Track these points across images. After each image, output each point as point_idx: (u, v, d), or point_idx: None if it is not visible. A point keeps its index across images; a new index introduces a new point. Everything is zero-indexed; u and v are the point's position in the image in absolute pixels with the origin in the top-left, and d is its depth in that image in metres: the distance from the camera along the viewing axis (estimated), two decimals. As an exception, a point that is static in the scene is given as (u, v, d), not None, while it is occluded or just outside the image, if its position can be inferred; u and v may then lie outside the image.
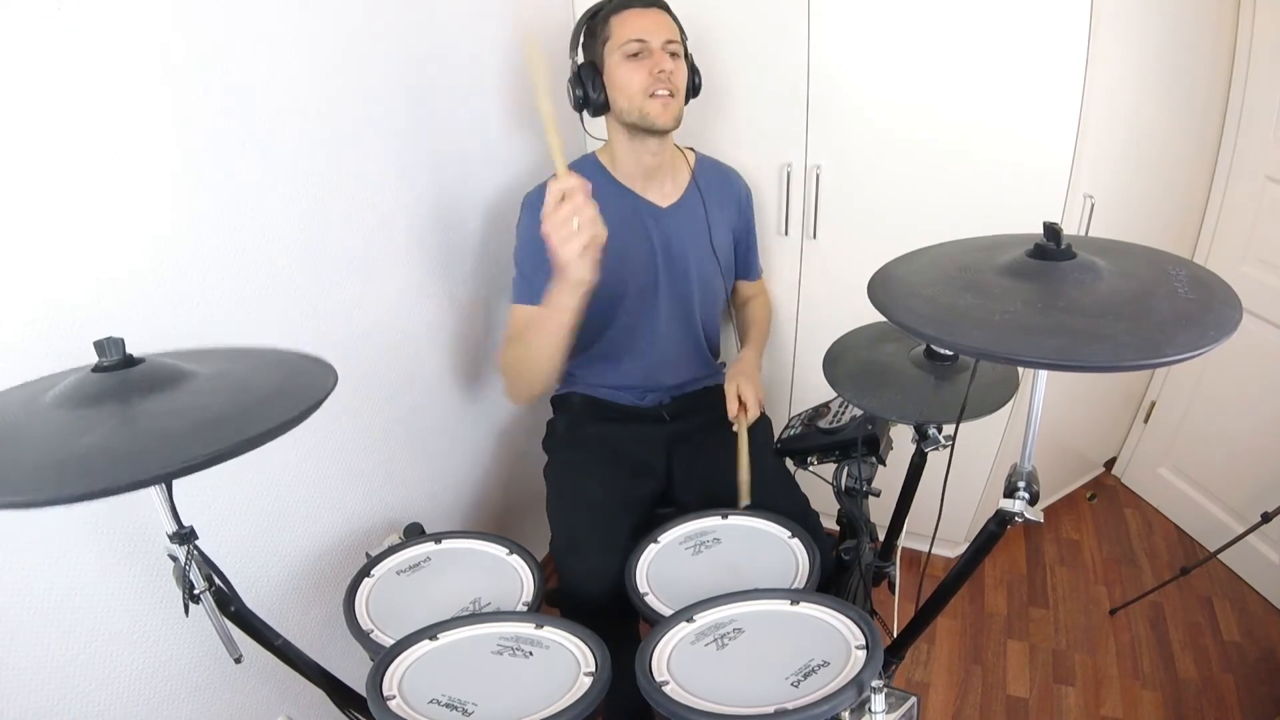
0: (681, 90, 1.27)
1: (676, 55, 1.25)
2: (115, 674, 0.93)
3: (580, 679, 0.82)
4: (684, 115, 1.30)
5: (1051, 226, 0.72)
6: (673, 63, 1.24)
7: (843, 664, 0.80)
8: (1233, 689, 1.56)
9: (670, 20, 1.27)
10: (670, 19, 1.27)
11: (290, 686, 1.13)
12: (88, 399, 0.63)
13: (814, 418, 1.34)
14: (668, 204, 1.38)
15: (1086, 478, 2.26)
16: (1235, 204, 1.77)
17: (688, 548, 1.09)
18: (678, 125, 1.29)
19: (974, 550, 0.88)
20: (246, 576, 1.08)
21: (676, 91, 1.25)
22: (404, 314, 1.31)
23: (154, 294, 0.89)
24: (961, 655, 1.69)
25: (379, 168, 1.20)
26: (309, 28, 1.04)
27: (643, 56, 1.23)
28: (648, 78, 1.23)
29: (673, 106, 1.26)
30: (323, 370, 0.74)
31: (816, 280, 1.66)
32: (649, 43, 1.22)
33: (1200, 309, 0.66)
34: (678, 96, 1.26)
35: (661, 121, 1.26)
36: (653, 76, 1.22)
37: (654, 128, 1.27)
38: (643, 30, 1.22)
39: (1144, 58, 1.48)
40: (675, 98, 1.25)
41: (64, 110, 0.77)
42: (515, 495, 1.75)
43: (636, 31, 1.22)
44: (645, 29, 1.22)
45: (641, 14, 1.23)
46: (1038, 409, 0.76)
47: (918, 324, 0.68)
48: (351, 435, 1.24)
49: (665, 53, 1.23)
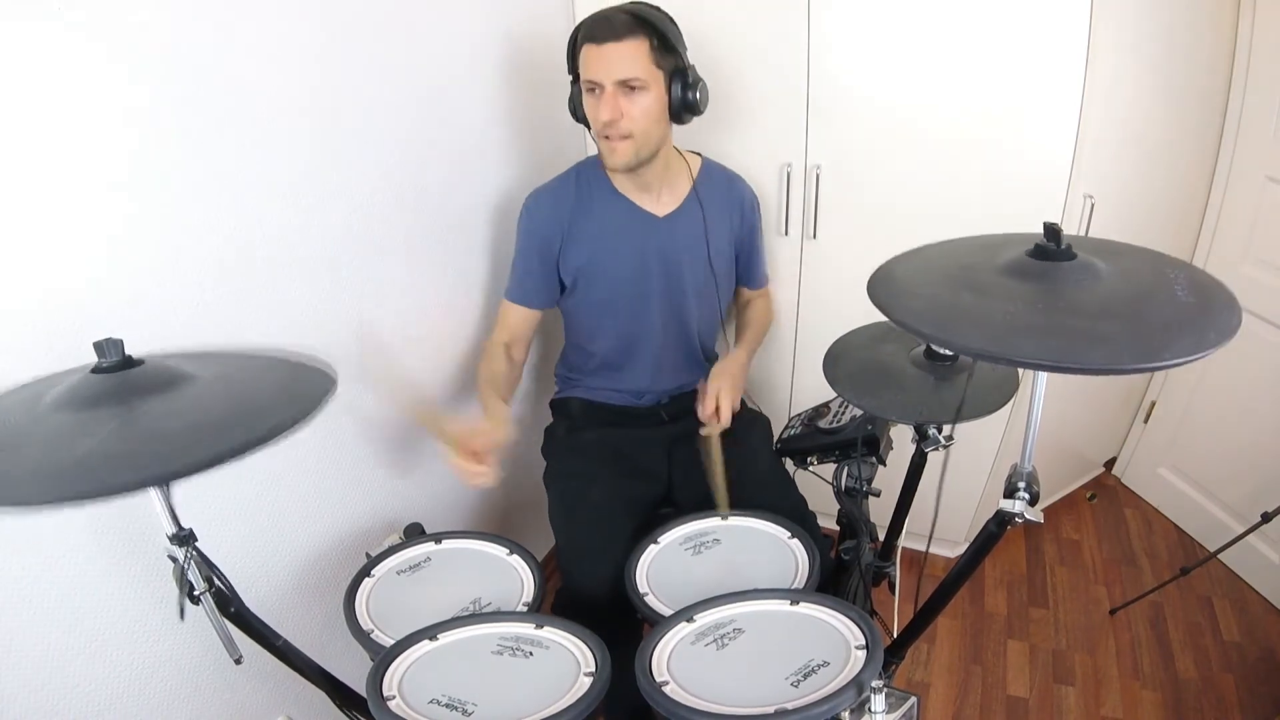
0: (639, 125, 1.19)
1: (637, 89, 1.17)
2: (115, 674, 0.93)
3: (580, 679, 0.82)
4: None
5: (1051, 226, 0.72)
6: (625, 100, 1.17)
7: (843, 664, 0.80)
8: (1233, 689, 1.56)
9: (631, 50, 1.15)
10: (633, 46, 1.15)
11: (290, 687, 1.13)
12: (87, 401, 0.63)
13: (814, 418, 1.34)
14: (665, 213, 1.37)
15: (1086, 478, 2.26)
16: (1235, 204, 1.77)
17: (687, 548, 1.09)
18: (636, 165, 1.24)
19: (974, 550, 0.88)
20: (246, 577, 1.08)
21: (631, 133, 1.19)
22: (404, 314, 1.31)
23: (153, 295, 0.89)
24: (961, 655, 1.69)
25: (379, 169, 1.20)
26: (310, 29, 1.03)
27: (597, 95, 1.19)
28: (597, 116, 1.20)
29: (622, 150, 1.21)
30: (322, 374, 0.74)
31: (816, 280, 1.66)
32: (600, 84, 1.17)
33: (1200, 313, 0.66)
34: (632, 139, 1.20)
35: (611, 163, 1.25)
36: (599, 121, 1.19)
37: (606, 167, 1.28)
38: (594, 71, 1.17)
39: (1144, 58, 1.48)
40: (629, 140, 1.20)
41: (64, 110, 0.77)
42: (515, 495, 1.75)
43: (589, 72, 1.17)
44: (597, 70, 1.16)
45: (598, 50, 1.15)
46: (1038, 409, 0.76)
47: (917, 323, 0.68)
48: (352, 435, 1.24)
49: (617, 94, 1.17)
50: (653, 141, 1.24)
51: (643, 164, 1.26)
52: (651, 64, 1.17)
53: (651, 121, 1.21)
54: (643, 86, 1.17)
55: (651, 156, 1.26)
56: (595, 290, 1.37)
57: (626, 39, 1.15)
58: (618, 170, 1.27)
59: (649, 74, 1.17)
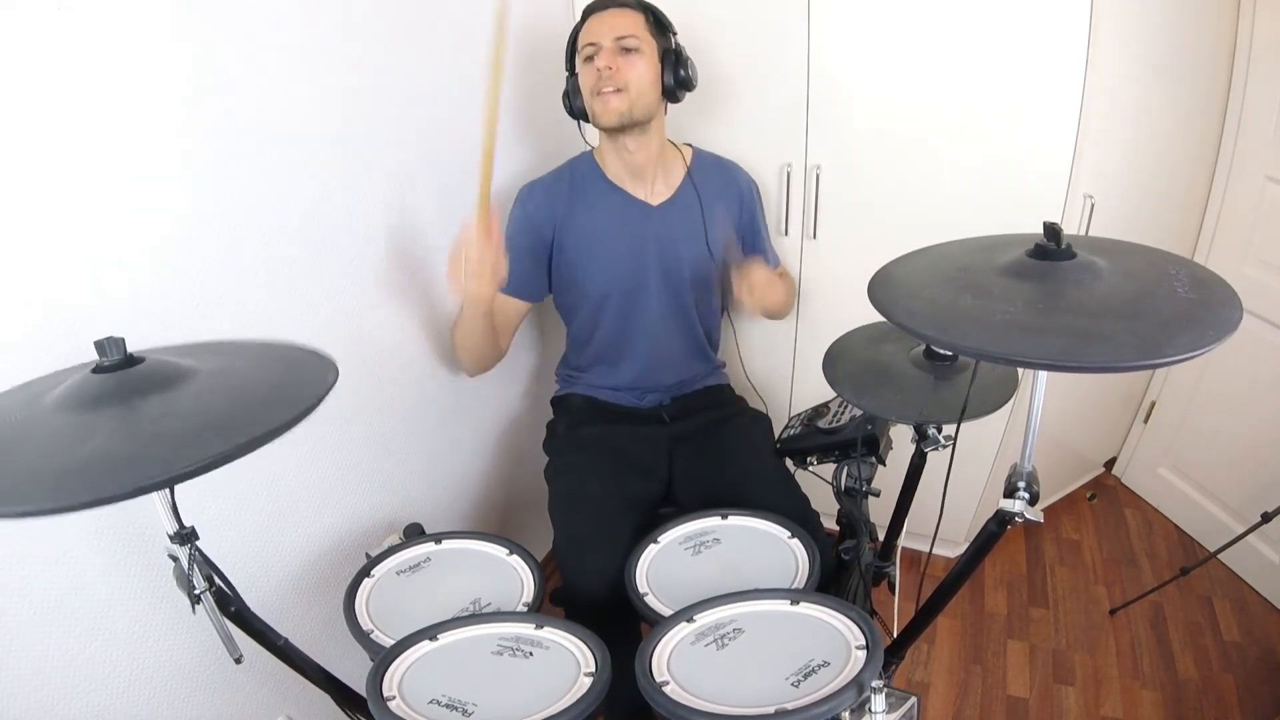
0: (634, 85, 1.24)
1: (632, 50, 1.23)
2: (115, 674, 0.93)
3: (580, 679, 0.82)
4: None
5: (1051, 226, 0.72)
6: (622, 58, 1.23)
7: (843, 664, 0.80)
8: (1233, 689, 1.56)
9: (630, 16, 1.24)
10: (631, 14, 1.24)
11: (290, 687, 1.13)
12: (88, 402, 0.63)
13: (814, 418, 1.34)
14: (659, 202, 1.38)
15: (1086, 478, 2.26)
16: (1235, 204, 1.77)
17: (687, 548, 1.09)
18: (629, 123, 1.26)
19: (974, 550, 0.88)
20: (246, 576, 1.08)
21: (625, 87, 1.23)
22: (405, 313, 1.31)
23: (155, 294, 0.89)
24: (961, 655, 1.69)
25: (380, 166, 1.20)
26: (310, 28, 1.04)
27: (594, 58, 1.24)
28: (593, 77, 1.24)
29: (615, 102, 1.24)
30: (323, 364, 0.73)
31: (816, 280, 1.66)
32: (598, 43, 1.23)
33: (1200, 309, 0.66)
34: (626, 91, 1.23)
35: (604, 120, 1.27)
36: (596, 74, 1.23)
37: (598, 125, 1.30)
38: (593, 34, 1.24)
39: (1144, 58, 1.48)
40: (623, 93, 1.23)
41: (65, 110, 0.77)
42: (515, 495, 1.75)
43: (588, 36, 1.25)
44: (596, 32, 1.24)
45: (598, 18, 1.25)
46: (1038, 409, 0.76)
47: (918, 325, 0.68)
48: (352, 435, 1.24)
49: (615, 49, 1.23)
50: (645, 102, 1.26)
51: (636, 125, 1.27)
52: (647, 33, 1.26)
53: (645, 84, 1.25)
54: (638, 49, 1.24)
55: (644, 122, 1.28)
56: (592, 281, 1.37)
57: (627, 8, 1.25)
58: (609, 126, 1.28)
59: (644, 40, 1.25)
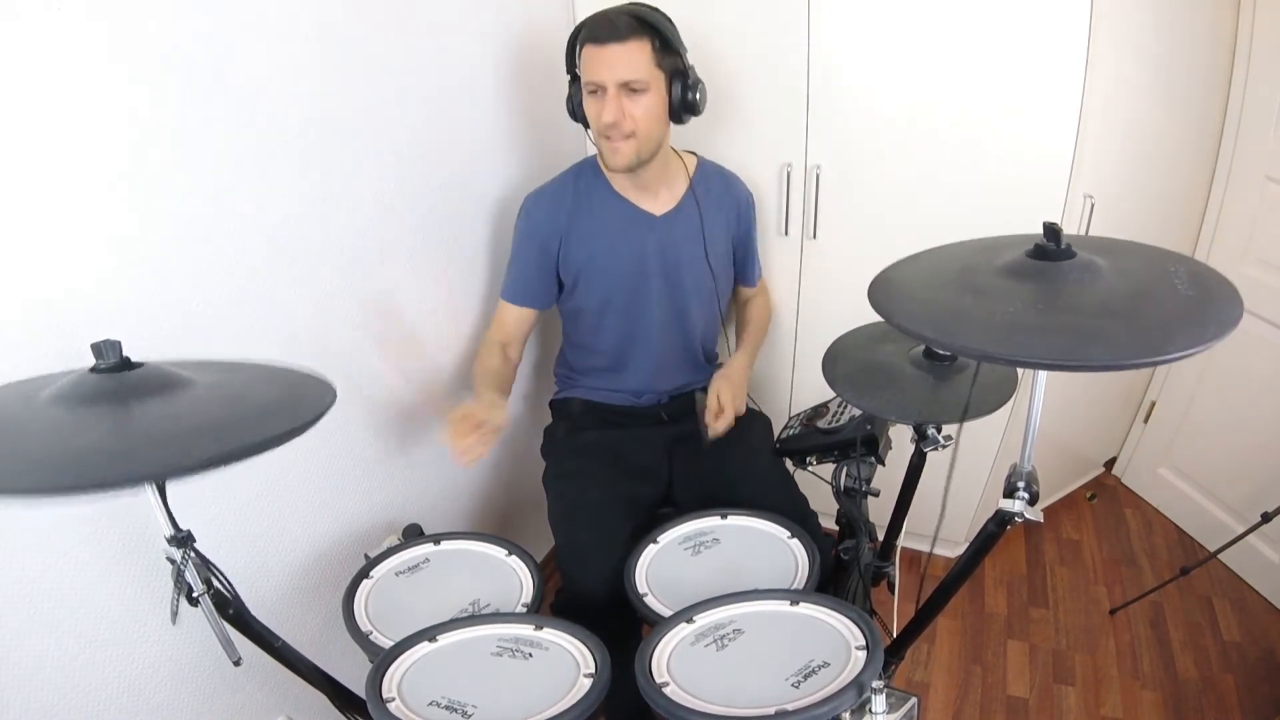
0: (643, 126, 1.21)
1: (639, 91, 1.18)
2: (115, 675, 0.92)
3: (580, 680, 0.82)
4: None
5: (1051, 226, 0.72)
6: (628, 105, 1.18)
7: (843, 664, 0.80)
8: (1233, 689, 1.56)
9: (634, 52, 1.16)
10: (635, 46, 1.16)
11: (289, 688, 1.13)
12: (84, 399, 0.63)
13: (813, 418, 1.34)
14: (662, 212, 1.37)
15: (1086, 478, 2.26)
16: (1235, 204, 1.77)
17: (687, 548, 1.09)
18: (637, 165, 1.25)
19: (974, 550, 0.88)
20: (245, 578, 1.08)
21: (633, 134, 1.21)
22: (405, 314, 1.31)
23: (152, 298, 0.89)
24: (961, 655, 1.68)
25: (378, 171, 1.20)
26: (309, 31, 1.03)
27: (599, 96, 1.20)
28: (598, 113, 1.21)
29: (624, 150, 1.22)
30: (321, 387, 0.74)
31: (816, 280, 1.66)
32: (603, 85, 1.18)
33: (1200, 306, 0.66)
34: (634, 138, 1.21)
35: (613, 164, 1.26)
36: (602, 123, 1.20)
37: (608, 168, 1.29)
38: (597, 73, 1.17)
39: (1144, 58, 1.48)
40: (631, 139, 1.21)
41: (63, 110, 0.77)
42: (514, 496, 1.75)
43: (592, 73, 1.18)
44: (600, 71, 1.17)
45: (600, 51, 1.16)
46: (1038, 409, 0.75)
47: (919, 327, 0.68)
48: (351, 436, 1.24)
49: (620, 95, 1.18)
50: (654, 141, 1.25)
51: (643, 164, 1.27)
52: (653, 65, 1.19)
53: (653, 122, 1.22)
54: (644, 88, 1.19)
55: (652, 156, 1.27)
56: (595, 290, 1.37)
57: (629, 40, 1.16)
58: (619, 171, 1.27)
59: (651, 75, 1.19)
